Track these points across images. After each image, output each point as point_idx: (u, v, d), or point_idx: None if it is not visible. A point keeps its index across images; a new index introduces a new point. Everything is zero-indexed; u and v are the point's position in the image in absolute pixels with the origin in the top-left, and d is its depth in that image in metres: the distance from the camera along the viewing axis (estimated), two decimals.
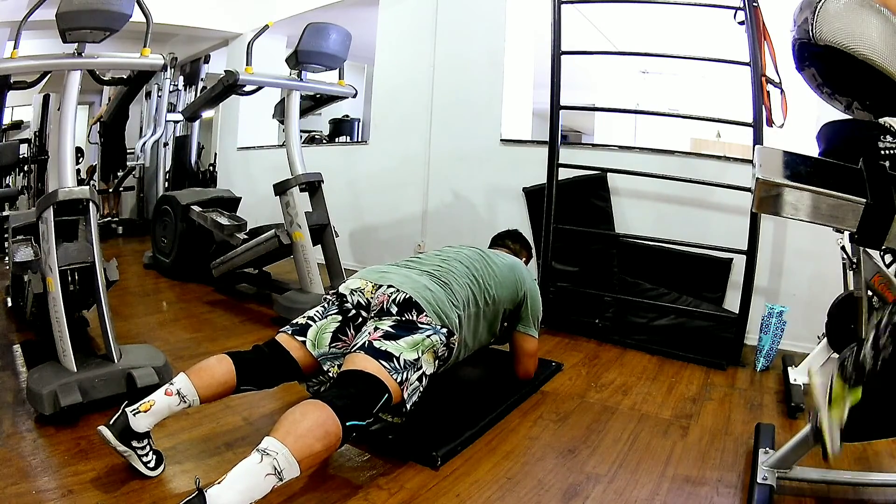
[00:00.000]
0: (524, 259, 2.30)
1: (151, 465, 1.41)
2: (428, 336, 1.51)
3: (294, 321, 1.65)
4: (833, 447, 1.11)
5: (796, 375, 2.14)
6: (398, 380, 1.40)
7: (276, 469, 1.12)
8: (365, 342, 1.45)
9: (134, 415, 1.37)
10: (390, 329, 1.49)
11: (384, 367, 1.39)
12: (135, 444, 1.38)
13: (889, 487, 1.48)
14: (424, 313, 1.54)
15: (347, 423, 1.26)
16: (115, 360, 1.84)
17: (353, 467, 1.54)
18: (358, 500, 1.38)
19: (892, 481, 1.47)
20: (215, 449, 1.59)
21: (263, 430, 1.71)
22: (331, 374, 1.54)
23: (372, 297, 1.60)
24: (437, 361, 1.55)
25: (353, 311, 1.60)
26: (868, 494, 1.49)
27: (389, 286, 1.59)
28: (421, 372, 1.47)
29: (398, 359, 1.42)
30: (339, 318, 1.60)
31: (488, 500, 1.42)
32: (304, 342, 1.56)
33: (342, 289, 1.67)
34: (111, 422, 1.36)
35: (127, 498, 1.33)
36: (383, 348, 1.43)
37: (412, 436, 1.65)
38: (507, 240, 2.38)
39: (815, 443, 1.17)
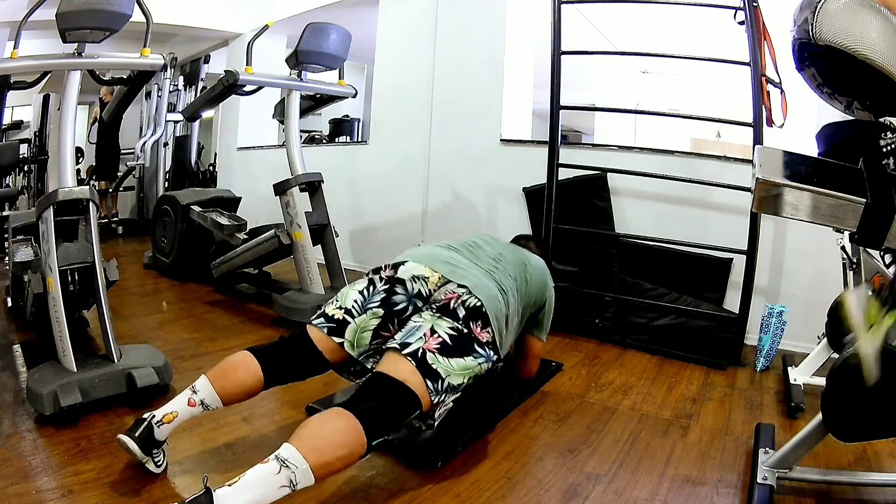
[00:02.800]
0: None
1: (160, 463, 1.43)
2: (480, 364, 1.42)
3: (328, 313, 1.51)
4: (873, 372, 1.07)
5: (796, 375, 2.14)
6: (435, 401, 1.33)
7: (291, 482, 1.10)
8: (419, 349, 1.34)
9: (158, 427, 1.36)
10: (447, 340, 1.37)
11: (427, 387, 1.31)
12: (154, 451, 1.39)
13: (889, 487, 1.48)
14: (488, 330, 1.44)
15: (374, 443, 1.22)
16: (115, 360, 1.84)
17: (353, 467, 1.54)
18: (358, 500, 1.38)
19: (892, 481, 1.47)
20: (215, 449, 1.59)
21: (263, 430, 1.72)
22: (371, 368, 1.44)
23: (436, 291, 1.48)
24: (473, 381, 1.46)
25: (404, 304, 1.48)
26: (868, 494, 1.49)
27: (461, 285, 1.48)
28: (458, 395, 1.41)
29: (443, 381, 1.33)
30: (382, 311, 1.47)
31: (488, 500, 1.42)
32: (341, 343, 1.46)
33: (401, 273, 1.52)
34: (136, 433, 1.34)
35: (127, 498, 1.33)
36: (434, 367, 1.32)
37: (412, 436, 1.65)
38: (531, 242, 2.31)
39: (850, 365, 1.10)
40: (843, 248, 1.95)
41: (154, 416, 1.37)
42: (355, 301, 1.51)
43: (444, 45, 3.81)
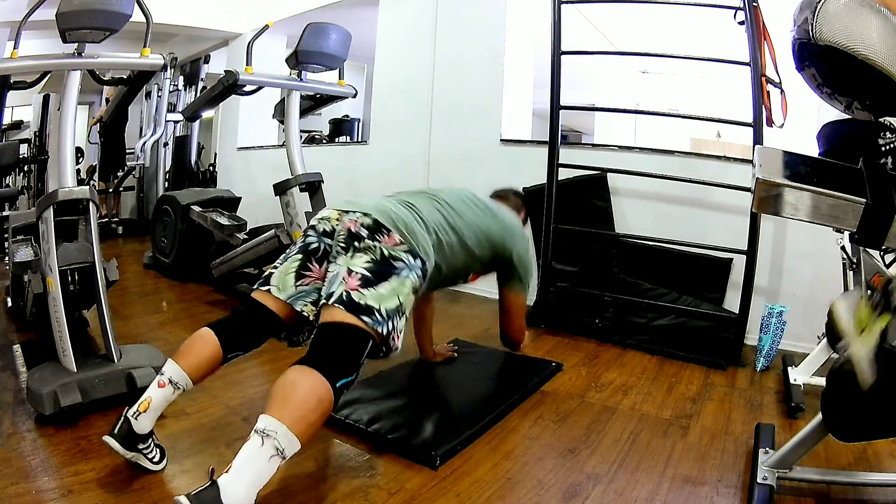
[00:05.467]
0: (521, 217, 2.23)
1: (156, 460, 1.43)
2: (406, 277, 1.45)
3: (264, 275, 1.60)
4: (867, 376, 1.06)
5: (796, 375, 2.14)
6: (384, 331, 1.36)
7: (277, 449, 1.12)
8: (343, 293, 1.37)
9: (136, 418, 1.37)
10: (366, 273, 1.41)
11: (366, 321, 1.34)
12: (140, 446, 1.39)
13: (889, 487, 1.48)
14: (392, 234, 1.48)
15: (337, 385, 1.24)
16: (115, 360, 1.84)
17: (353, 467, 1.54)
18: (358, 500, 1.38)
19: (892, 481, 1.47)
20: (215, 449, 1.59)
21: None
22: (305, 314, 1.49)
23: (338, 224, 1.54)
24: (415, 294, 1.50)
25: (316, 244, 1.55)
26: (868, 494, 1.49)
27: (355, 212, 1.54)
28: (406, 314, 1.44)
29: (379, 311, 1.36)
30: (300, 256, 1.55)
31: (488, 500, 1.42)
32: (268, 290, 1.51)
33: (312, 221, 1.62)
34: (115, 431, 1.36)
35: (127, 498, 1.33)
36: (363, 302, 1.35)
37: (412, 436, 1.65)
38: (509, 193, 2.31)
39: (846, 371, 1.11)
40: (843, 248, 1.95)
41: (129, 409, 1.38)
42: (281, 258, 1.61)
43: (444, 44, 3.81)
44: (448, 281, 1.82)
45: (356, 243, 1.47)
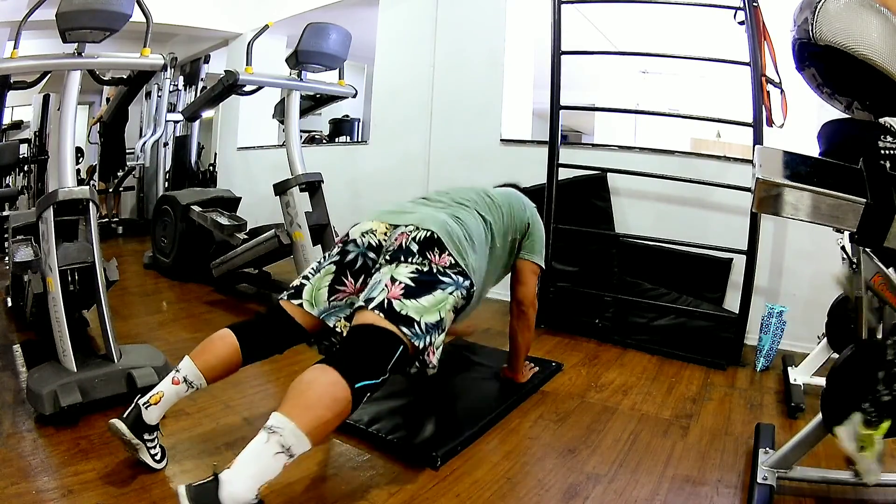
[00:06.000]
0: None
1: (158, 457, 1.43)
2: (451, 293, 1.41)
3: (292, 284, 1.56)
4: (873, 479, 1.18)
5: (796, 375, 2.14)
6: (421, 345, 1.31)
7: (283, 447, 1.09)
8: (384, 300, 1.32)
9: (146, 408, 1.38)
10: (410, 283, 1.36)
11: (405, 332, 1.29)
12: (146, 436, 1.40)
13: (889, 487, 1.48)
14: (446, 254, 1.43)
15: (357, 386, 1.18)
16: (115, 360, 1.84)
17: (353, 467, 1.54)
18: (358, 500, 1.38)
19: (893, 481, 1.47)
20: (215, 449, 1.59)
21: None
22: (338, 330, 1.45)
23: (386, 239, 1.50)
24: (455, 313, 1.47)
25: (354, 257, 1.50)
26: (868, 494, 1.48)
27: (407, 225, 1.48)
28: (444, 331, 1.40)
29: (419, 323, 1.31)
30: (334, 268, 1.51)
31: (488, 500, 1.42)
32: (300, 304, 1.48)
33: (352, 233, 1.56)
34: (124, 415, 1.38)
35: (127, 498, 1.33)
36: (404, 312, 1.31)
37: (412, 436, 1.65)
38: (509, 186, 2.27)
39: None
40: (843, 248, 1.95)
41: (140, 398, 1.39)
42: (312, 268, 1.56)
43: (444, 45, 3.81)
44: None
45: (403, 257, 1.42)
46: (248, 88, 3.03)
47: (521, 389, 2.04)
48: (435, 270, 1.41)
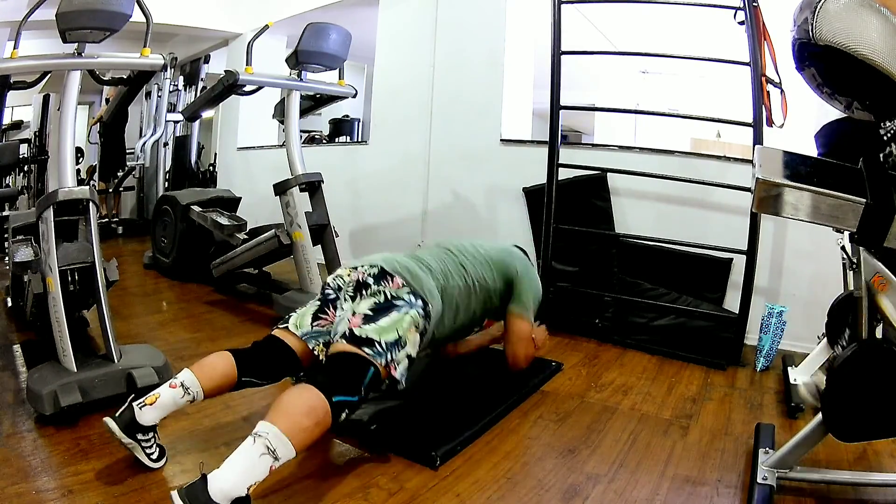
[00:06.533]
0: None
1: (154, 456, 1.44)
2: (406, 313, 1.56)
3: (284, 317, 1.72)
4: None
5: (796, 375, 2.14)
6: (383, 363, 1.45)
7: (268, 448, 1.18)
8: (346, 331, 1.49)
9: (140, 408, 1.40)
10: (369, 311, 1.54)
11: (367, 353, 1.44)
12: (140, 436, 1.41)
13: (889, 487, 1.48)
14: (397, 278, 1.62)
15: (334, 399, 1.31)
16: (115, 360, 1.84)
17: (353, 467, 1.54)
18: (358, 500, 1.38)
19: (892, 481, 1.47)
20: (215, 449, 1.59)
21: None
22: (315, 352, 1.60)
23: (348, 278, 1.68)
24: (419, 335, 1.60)
25: (332, 295, 1.69)
26: (868, 494, 1.49)
27: (363, 265, 1.70)
28: (405, 350, 1.52)
29: (379, 343, 1.46)
30: (319, 303, 1.69)
31: (488, 500, 1.42)
32: (286, 327, 1.63)
33: (328, 279, 1.77)
34: (117, 414, 1.40)
35: (127, 498, 1.33)
36: (364, 335, 1.47)
37: (412, 436, 1.65)
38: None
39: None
40: (843, 248, 1.95)
41: (135, 399, 1.42)
42: (301, 308, 1.74)
43: (444, 44, 3.81)
44: (468, 324, 1.94)
45: (363, 291, 1.62)
46: (248, 88, 3.03)
47: (521, 389, 2.04)
48: (391, 296, 1.59)
